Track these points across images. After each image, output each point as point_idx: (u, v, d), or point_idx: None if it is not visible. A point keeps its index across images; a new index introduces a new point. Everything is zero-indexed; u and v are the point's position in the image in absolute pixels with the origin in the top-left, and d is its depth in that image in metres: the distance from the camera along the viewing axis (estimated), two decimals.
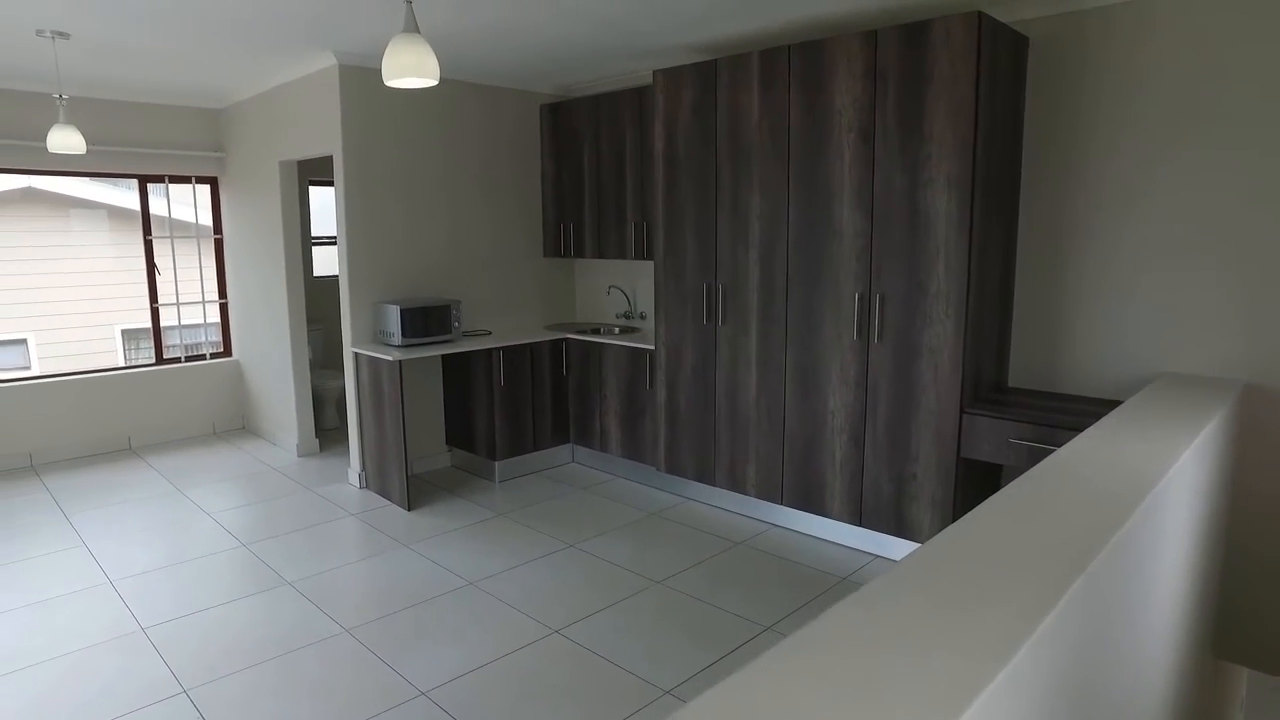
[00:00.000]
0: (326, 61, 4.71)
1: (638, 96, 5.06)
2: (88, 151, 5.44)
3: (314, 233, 6.90)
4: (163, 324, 6.39)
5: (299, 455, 5.77)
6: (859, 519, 3.99)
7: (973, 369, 3.65)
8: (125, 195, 10.01)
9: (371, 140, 4.88)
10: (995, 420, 3.51)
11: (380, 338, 4.89)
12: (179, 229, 6.42)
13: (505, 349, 5.05)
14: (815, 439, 4.11)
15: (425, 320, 4.84)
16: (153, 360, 6.41)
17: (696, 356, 4.58)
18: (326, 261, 6.92)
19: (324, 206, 6.89)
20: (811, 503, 4.17)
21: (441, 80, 5.11)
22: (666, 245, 4.64)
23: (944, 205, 3.54)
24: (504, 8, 3.79)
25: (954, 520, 3.77)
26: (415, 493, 4.84)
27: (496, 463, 5.14)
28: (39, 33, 4.10)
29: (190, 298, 6.49)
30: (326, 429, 6.35)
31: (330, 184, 6.74)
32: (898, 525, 3.86)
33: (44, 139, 5.43)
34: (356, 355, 4.92)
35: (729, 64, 4.24)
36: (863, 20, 4.09)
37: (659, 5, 3.84)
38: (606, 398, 5.20)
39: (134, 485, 5.24)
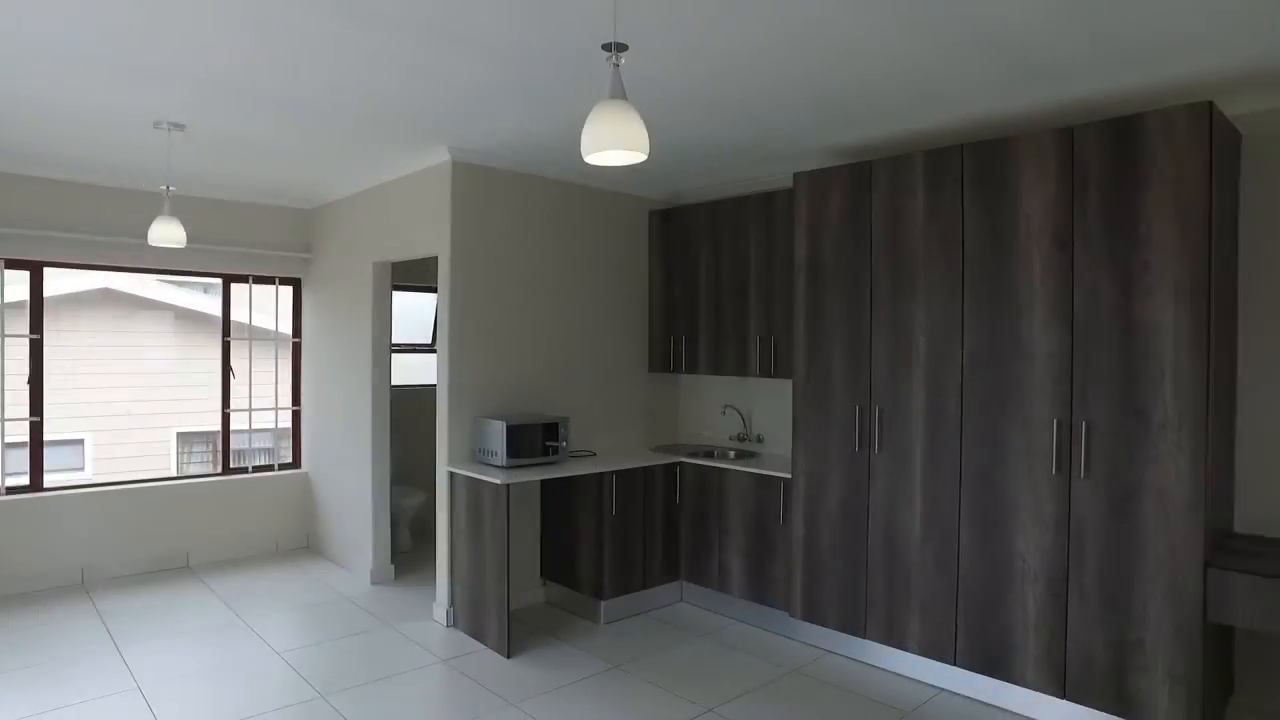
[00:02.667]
0: (439, 157, 4.43)
1: (766, 202, 4.70)
2: (176, 249, 5.20)
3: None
4: (232, 429, 5.98)
5: (373, 583, 5.19)
6: (1063, 690, 3.29)
7: (1212, 514, 3.04)
8: (191, 297, 9.94)
9: (477, 242, 4.54)
10: (1258, 579, 2.87)
11: (480, 456, 4.39)
12: (255, 332, 6.09)
13: (618, 473, 4.51)
14: (999, 589, 3.47)
15: (532, 439, 4.35)
16: (216, 469, 5.96)
17: (844, 488, 4.00)
18: (401, 370, 6.52)
19: (401, 313, 6.55)
20: (995, 666, 3.48)
21: (548, 181, 4.83)
22: (808, 363, 4.16)
23: (1170, 319, 3.03)
24: (654, 107, 3.48)
25: (1202, 699, 3.11)
26: (513, 635, 4.21)
27: (603, 602, 4.51)
28: (156, 124, 3.88)
29: (262, 404, 6.10)
30: (399, 552, 5.78)
31: (410, 289, 6.45)
32: (1119, 702, 3.16)
33: (140, 235, 5.19)
34: (453, 475, 4.41)
35: (888, 165, 3.86)
36: (1043, 116, 3.71)
37: (820, 101, 3.51)
38: (728, 531, 4.60)
39: (193, 613, 4.67)
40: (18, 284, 5.11)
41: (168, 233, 3.98)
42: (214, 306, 9.62)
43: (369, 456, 5.19)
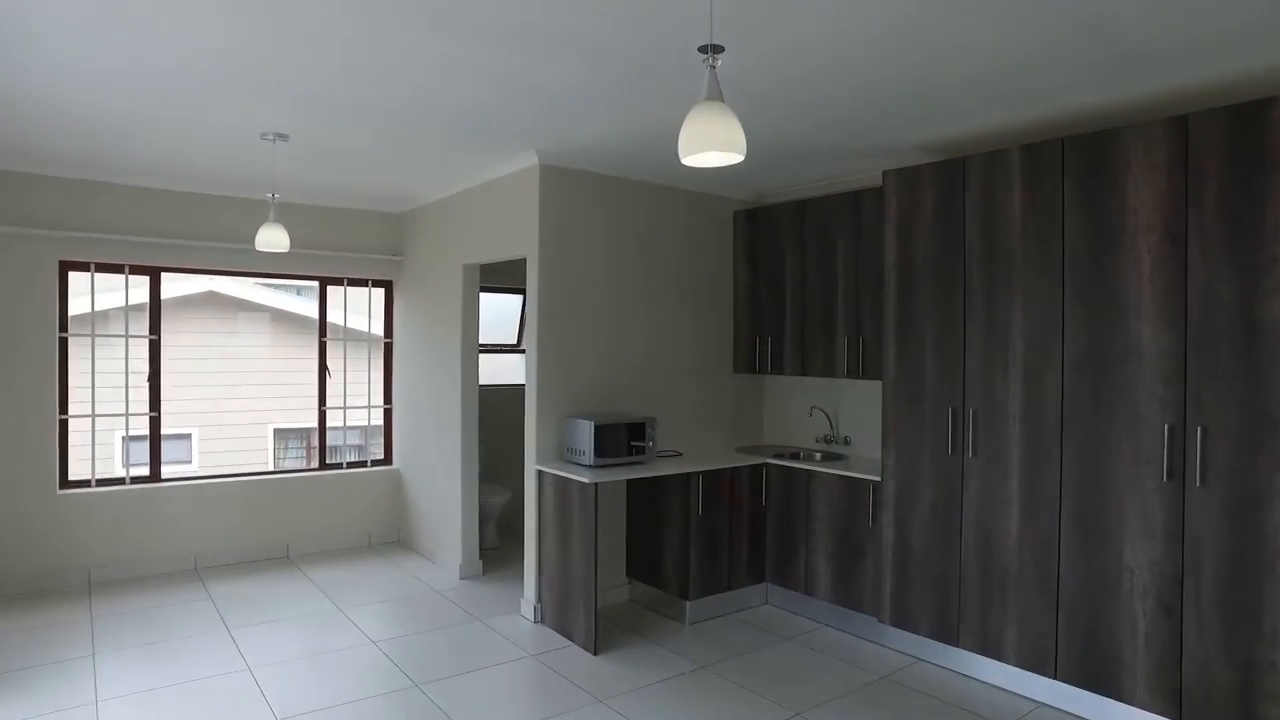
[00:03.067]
0: (527, 161, 4.51)
1: (853, 201, 4.62)
2: (277, 254, 5.44)
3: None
4: (328, 426, 6.22)
5: (461, 577, 5.32)
6: (1179, 713, 3.13)
7: None
8: (286, 299, 10.32)
9: (565, 243, 4.60)
10: None
11: (568, 455, 4.46)
12: (349, 333, 6.32)
13: (704, 474, 4.51)
14: (1105, 602, 3.33)
15: (619, 439, 4.39)
16: (314, 465, 6.21)
17: (936, 492, 3.91)
18: (487, 370, 6.66)
19: (487, 313, 6.69)
20: (1101, 682, 3.34)
21: (634, 182, 4.86)
22: (898, 364, 4.07)
23: None
24: (740, 107, 3.46)
25: None
26: (600, 633, 4.25)
27: (688, 602, 4.52)
28: (263, 136, 4.06)
29: (355, 402, 6.32)
30: (486, 549, 5.90)
31: (496, 290, 6.58)
32: None
33: (247, 241, 5.45)
34: (540, 474, 4.49)
35: (981, 162, 3.75)
36: (1151, 105, 3.54)
37: (910, 98, 3.43)
38: (814, 534, 4.55)
39: (294, 599, 4.88)
40: (138, 288, 5.43)
41: (273, 238, 4.17)
42: (306, 308, 10.07)
43: (458, 454, 5.32)
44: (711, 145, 2.16)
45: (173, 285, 9.32)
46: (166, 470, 5.57)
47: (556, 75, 3.19)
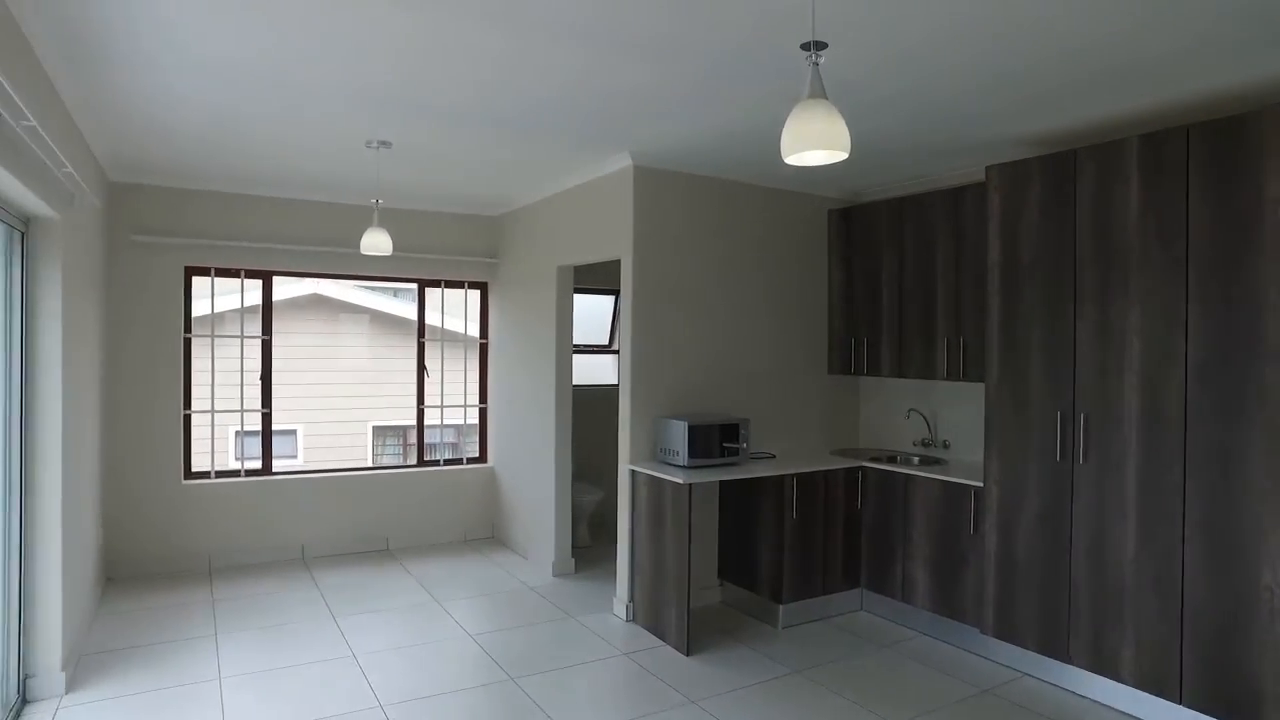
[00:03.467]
0: (621, 163, 4.55)
1: (954, 197, 4.48)
2: (379, 258, 5.64)
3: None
4: (426, 424, 6.41)
5: (554, 575, 5.41)
6: None
7: None
8: (384, 301, 10.67)
9: (658, 244, 4.62)
10: None
11: (661, 456, 4.47)
12: (445, 334, 6.49)
13: (799, 476, 4.45)
14: (1237, 624, 3.12)
15: (712, 440, 4.37)
16: (412, 462, 6.42)
17: (1043, 499, 3.74)
18: (579, 371, 6.74)
19: (578, 314, 6.78)
20: (1237, 713, 3.13)
21: (727, 183, 4.84)
22: (1002, 366, 3.93)
23: None
24: (834, 103, 3.40)
25: None
26: (692, 634, 4.25)
27: (781, 606, 4.47)
28: (368, 144, 4.22)
29: (451, 401, 6.49)
30: (578, 547, 5.98)
31: (589, 291, 6.66)
32: None
33: (351, 246, 5.68)
34: (634, 474, 4.52)
35: (1095, 153, 3.57)
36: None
37: (1013, 87, 3.29)
38: (912, 539, 4.43)
39: (395, 591, 5.05)
40: (252, 291, 5.73)
41: (377, 242, 4.33)
42: (403, 309, 10.39)
43: (551, 454, 5.41)
44: (815, 144, 2.13)
45: (280, 289, 9.85)
46: (276, 464, 5.86)
47: (651, 77, 3.21)
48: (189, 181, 5.26)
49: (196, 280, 5.54)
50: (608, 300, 7.06)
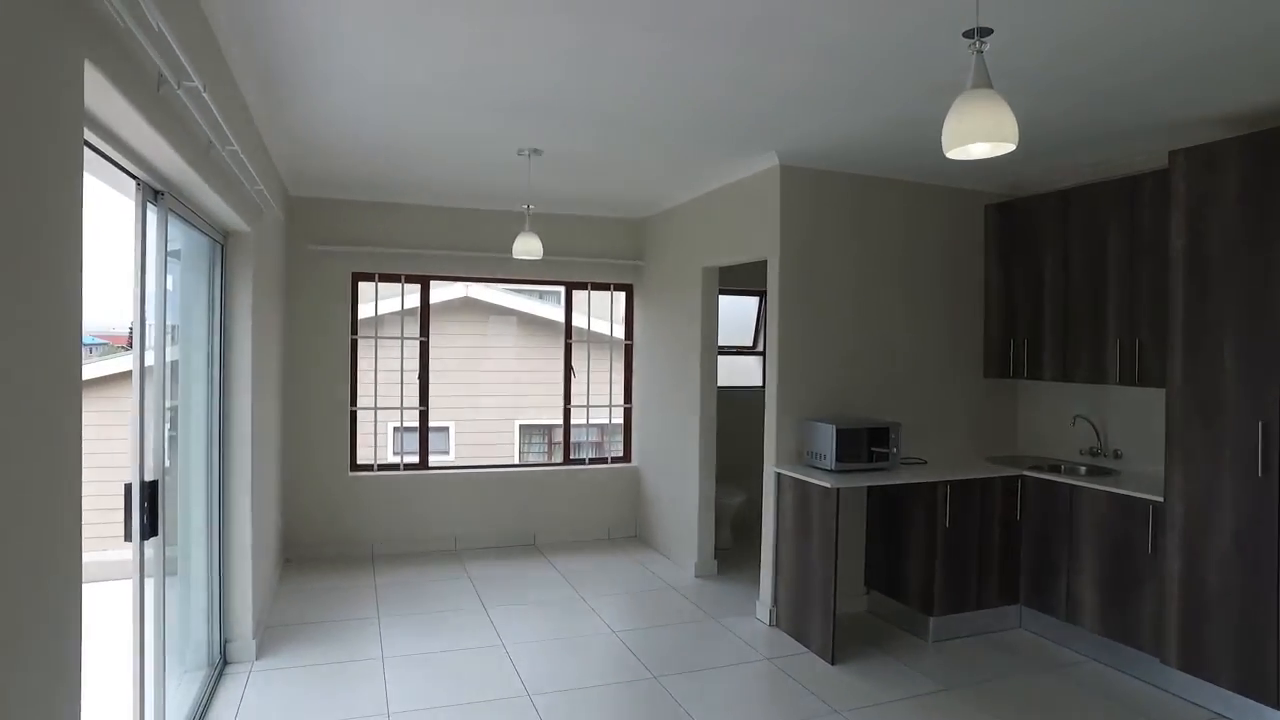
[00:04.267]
0: (768, 162, 4.50)
1: (1128, 187, 4.15)
2: (528, 262, 5.84)
3: None
4: (572, 423, 6.58)
5: (696, 576, 5.42)
6: None
7: None
8: (531, 303, 11.00)
9: (806, 245, 4.54)
10: None
11: (807, 459, 4.39)
12: (591, 335, 6.64)
13: (953, 483, 4.26)
14: None
15: (860, 443, 4.25)
16: (553, 459, 6.60)
17: (1240, 519, 3.40)
18: (721, 372, 6.73)
19: (721, 315, 6.76)
20: None
21: (877, 180, 4.70)
22: (1187, 369, 3.60)
23: None
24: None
25: None
26: (837, 642, 4.14)
27: (932, 619, 4.28)
28: (520, 151, 4.38)
29: (596, 401, 6.63)
30: (720, 549, 5.96)
31: (733, 293, 6.63)
32: None
33: (503, 250, 5.93)
34: (780, 477, 4.46)
35: None
36: None
37: (1199, 60, 3.01)
38: (1079, 555, 4.13)
39: (542, 585, 5.22)
40: (410, 295, 6.08)
41: (529, 246, 4.49)
42: (549, 311, 10.71)
43: (696, 455, 5.42)
44: (980, 136, 2.03)
45: (434, 292, 10.36)
46: (431, 460, 6.18)
47: (808, 76, 3.16)
48: (356, 193, 5.65)
49: (362, 285, 5.94)
50: (752, 301, 7.01)
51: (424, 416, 6.08)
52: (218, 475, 3.76)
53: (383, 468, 5.96)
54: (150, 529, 2.57)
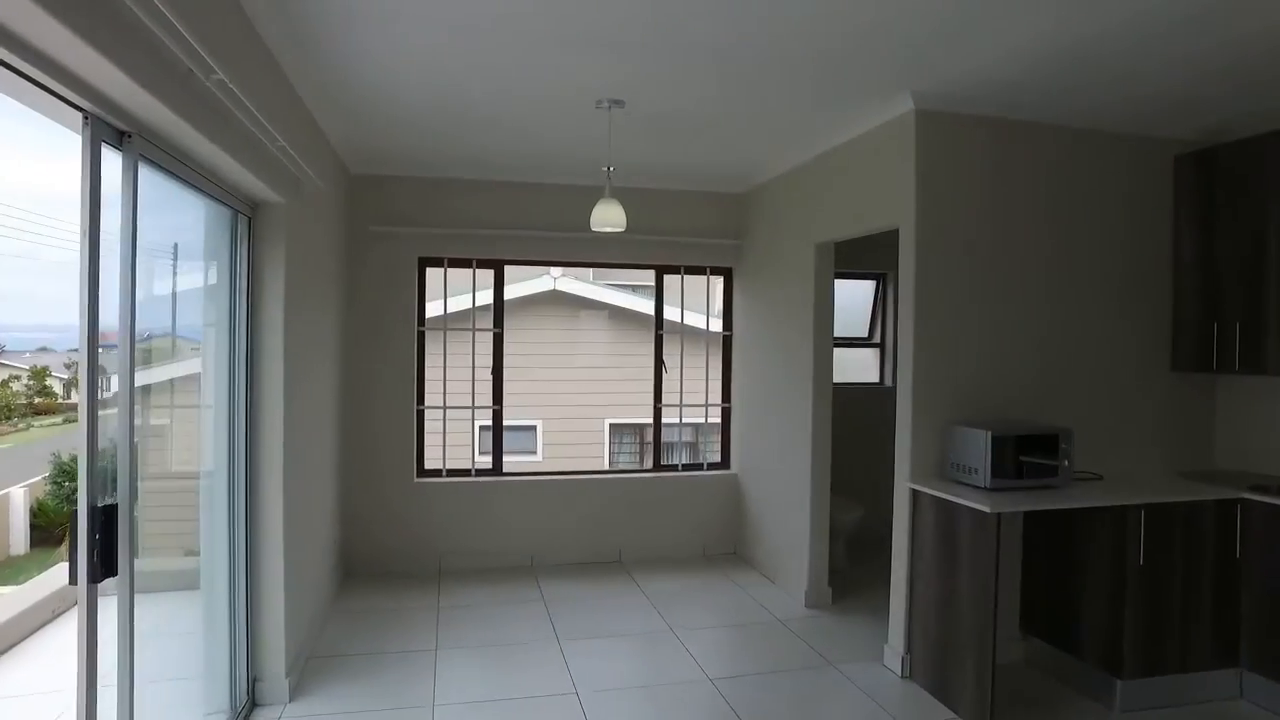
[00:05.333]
0: (899, 108, 3.64)
1: None
2: (612, 242, 5.15)
3: None
4: (663, 423, 5.85)
5: (807, 606, 4.59)
6: None
7: None
8: (622, 297, 10.40)
9: (947, 209, 3.65)
10: None
11: (952, 473, 3.51)
12: (685, 326, 5.88)
13: (1149, 508, 3.30)
14: None
15: (1022, 454, 3.35)
16: (645, 464, 5.88)
17: None
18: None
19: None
20: None
21: (1037, 128, 3.81)
22: None
23: None
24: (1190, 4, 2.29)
25: None
26: (996, 706, 3.25)
27: (1120, 681, 3.33)
28: (598, 104, 3.68)
29: (691, 399, 5.88)
30: (834, 571, 5.09)
31: (842, 276, 5.76)
32: None
33: (582, 229, 5.25)
34: (916, 495, 3.59)
35: None
36: None
37: None
38: None
39: (624, 612, 4.50)
40: (484, 287, 5.47)
41: (609, 215, 3.78)
42: (641, 304, 10.05)
43: (808, 463, 4.59)
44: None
45: (520, 285, 9.86)
46: (514, 460, 5.56)
47: None
48: (421, 169, 5.08)
49: (430, 272, 5.37)
50: (866, 285, 6.11)
51: (498, 416, 5.46)
52: (243, 489, 3.20)
53: (453, 473, 5.37)
54: (105, 568, 1.98)
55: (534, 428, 10.50)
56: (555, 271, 10.03)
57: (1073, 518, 3.55)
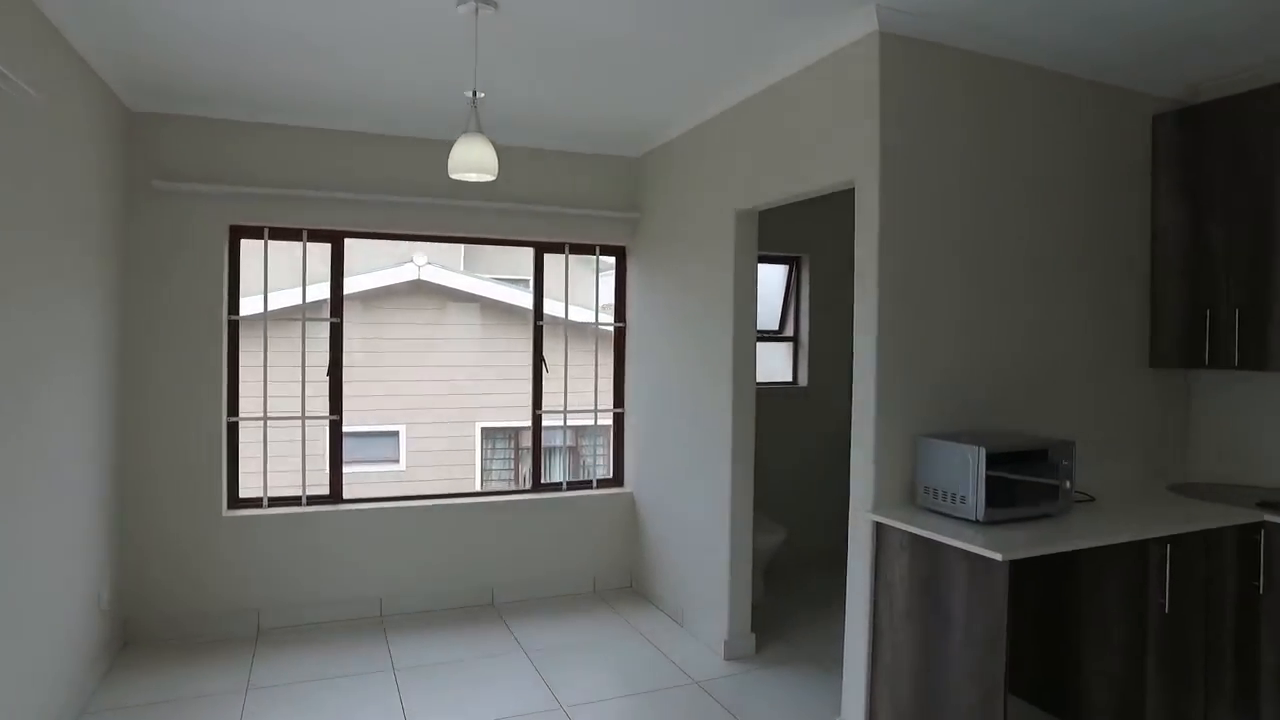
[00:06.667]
0: (858, 30, 2.84)
1: None
2: (482, 211, 4.18)
3: None
4: (544, 426, 4.88)
5: (727, 658, 3.73)
6: None
7: None
8: (497, 288, 9.50)
9: (917, 159, 2.88)
10: None
11: (927, 500, 2.72)
12: (570, 317, 4.93)
13: (1175, 540, 2.62)
14: None
15: (1021, 475, 2.61)
16: (526, 486, 4.88)
17: None
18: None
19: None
20: None
21: (1014, 67, 3.10)
22: None
23: None
24: None
25: None
26: None
27: None
28: (460, 1, 2.67)
29: (577, 404, 4.93)
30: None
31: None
32: None
33: (443, 195, 4.22)
34: (881, 529, 2.79)
35: None
36: None
37: None
38: None
39: (500, 682, 3.49)
40: (317, 259, 4.31)
41: (474, 156, 2.75)
42: (518, 297, 9.11)
43: (726, 480, 3.74)
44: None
45: (380, 274, 8.73)
46: (374, 470, 4.45)
47: None
48: (231, 109, 3.90)
49: (246, 245, 4.17)
50: (776, 272, 5.35)
51: (336, 428, 4.33)
52: None
53: (278, 502, 4.20)
54: None
55: (396, 434, 9.41)
56: (420, 258, 9.04)
57: (1078, 555, 2.84)
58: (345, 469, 4.37)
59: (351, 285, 8.74)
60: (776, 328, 5.41)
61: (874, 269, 2.81)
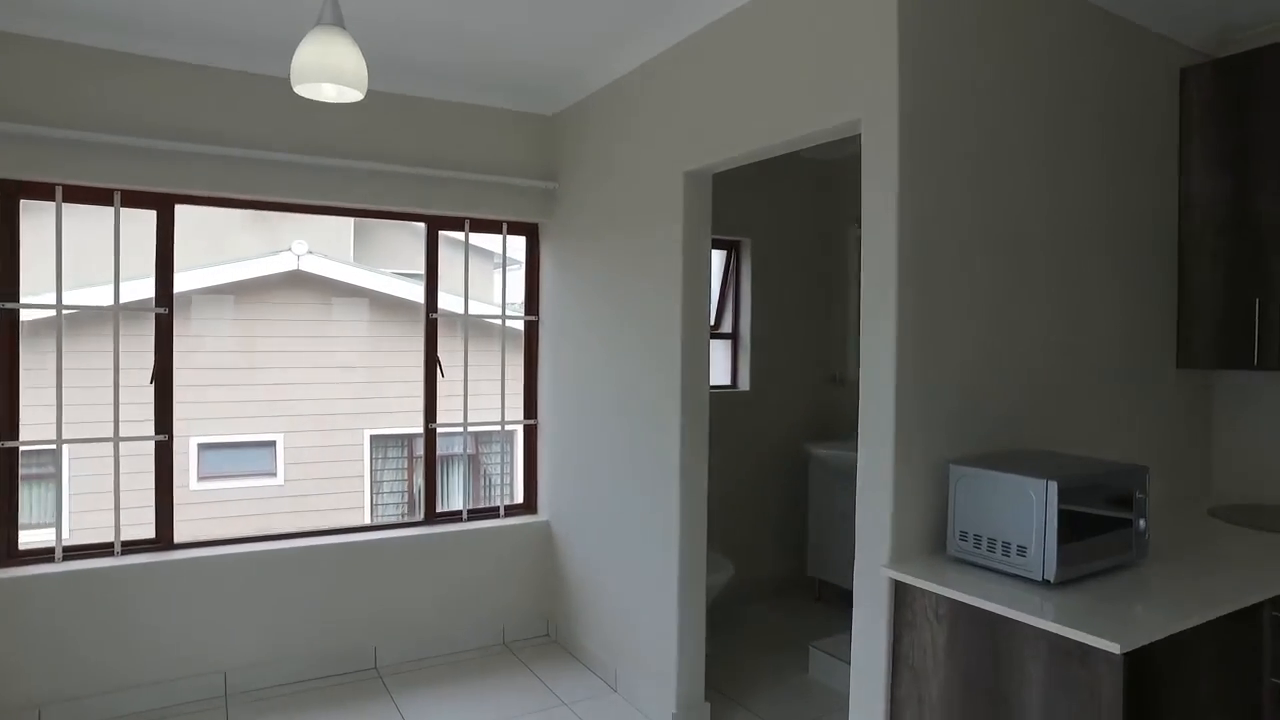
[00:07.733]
0: None
1: None
2: (357, 173, 3.29)
3: None
4: (439, 434, 4.00)
5: None
6: None
7: None
8: (386, 281, 8.65)
9: (945, 93, 2.17)
10: None
11: (969, 550, 2.01)
12: (472, 313, 4.07)
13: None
14: None
15: (1093, 515, 1.94)
16: (419, 517, 3.98)
17: None
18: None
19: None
20: None
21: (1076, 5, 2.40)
22: None
23: None
24: None
25: None
26: None
27: None
28: None
29: (481, 415, 4.08)
30: None
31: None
32: None
33: (303, 151, 3.31)
34: (905, 592, 2.06)
35: None
36: None
37: None
38: None
39: None
40: (136, 227, 3.29)
41: (330, 59, 1.87)
42: (412, 291, 8.19)
43: (673, 505, 2.97)
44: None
45: (253, 262, 7.74)
46: (245, 485, 3.50)
47: None
48: (10, 18, 2.87)
49: (32, 208, 3.13)
50: (713, 258, 4.61)
51: (163, 451, 3.33)
52: None
53: (76, 552, 3.17)
54: None
55: (273, 444, 8.36)
56: (299, 246, 8.08)
57: None
58: (213, 485, 3.40)
59: (217, 275, 7.69)
60: (713, 323, 4.68)
61: (892, 239, 2.08)
